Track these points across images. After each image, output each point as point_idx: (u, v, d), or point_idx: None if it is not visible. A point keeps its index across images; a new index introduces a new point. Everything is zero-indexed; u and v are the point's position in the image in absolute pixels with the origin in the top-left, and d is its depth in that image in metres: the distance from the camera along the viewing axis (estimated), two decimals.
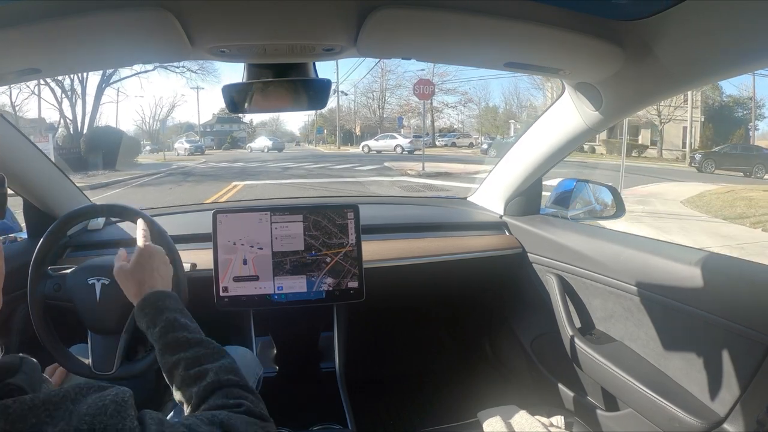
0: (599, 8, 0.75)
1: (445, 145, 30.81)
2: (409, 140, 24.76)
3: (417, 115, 33.21)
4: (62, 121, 22.48)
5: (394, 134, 27.44)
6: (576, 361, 1.28)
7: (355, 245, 1.27)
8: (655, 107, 22.04)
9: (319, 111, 38.08)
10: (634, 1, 0.71)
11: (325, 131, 40.87)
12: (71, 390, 0.41)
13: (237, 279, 1.22)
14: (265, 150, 31.06)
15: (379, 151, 24.88)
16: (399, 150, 23.90)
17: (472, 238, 1.58)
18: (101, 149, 17.81)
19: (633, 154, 23.36)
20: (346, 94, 35.62)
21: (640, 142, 25.45)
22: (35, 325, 0.98)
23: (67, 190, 1.40)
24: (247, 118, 40.66)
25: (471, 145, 30.73)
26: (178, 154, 28.51)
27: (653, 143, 24.93)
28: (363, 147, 26.38)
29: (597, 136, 23.08)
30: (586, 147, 23.77)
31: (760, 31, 0.68)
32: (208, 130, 43.03)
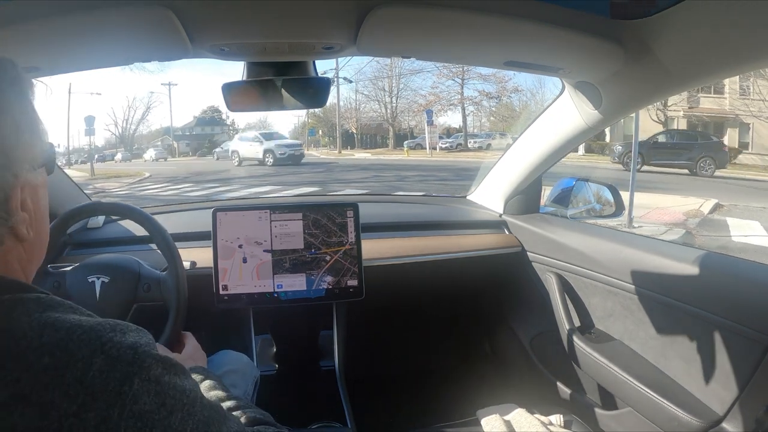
0: (600, 7, 0.75)
1: (480, 148, 23.06)
2: (279, 142, 17.81)
3: (448, 107, 26.74)
4: None
5: (275, 133, 19.96)
6: (575, 360, 1.28)
7: (354, 243, 1.27)
8: None
9: (311, 111, 30.56)
10: (634, 0, 0.71)
11: (320, 132, 33.86)
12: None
13: (236, 277, 1.22)
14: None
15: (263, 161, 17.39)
16: (269, 159, 16.93)
17: (472, 237, 1.58)
18: None
19: None
20: (351, 81, 27.68)
21: (726, 143, 17.49)
22: None
23: (66, 188, 1.40)
24: (230, 120, 37.18)
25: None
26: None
27: (742, 146, 18.62)
28: (232, 155, 19.01)
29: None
30: None
31: (759, 30, 0.67)
32: (187, 133, 38.04)
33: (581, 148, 18.45)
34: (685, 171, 13.51)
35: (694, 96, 18.58)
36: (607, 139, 19.02)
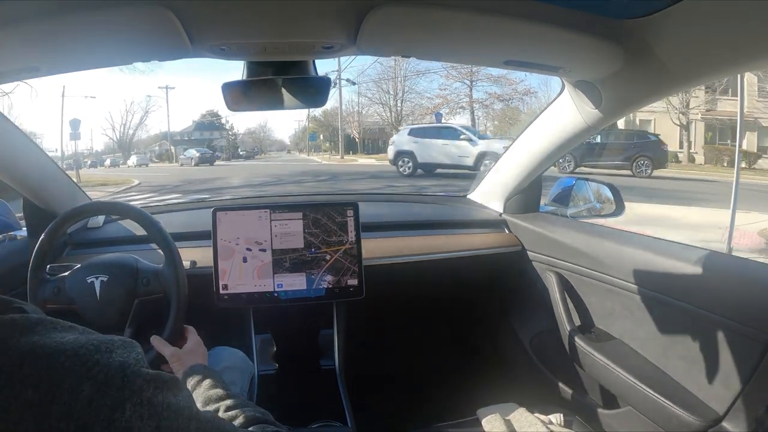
0: (599, 6, 0.75)
1: None
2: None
3: (457, 109, 24.40)
4: None
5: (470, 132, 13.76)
6: (575, 359, 1.28)
7: (354, 243, 1.27)
8: None
9: (311, 115, 30.85)
10: None
11: (321, 137, 32.71)
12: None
13: (236, 277, 1.22)
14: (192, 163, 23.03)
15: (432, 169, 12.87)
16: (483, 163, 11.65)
17: (472, 236, 1.58)
18: None
19: (741, 165, 16.61)
20: (354, 83, 25.52)
21: (745, 147, 17.05)
22: None
23: (66, 188, 1.40)
24: (228, 124, 36.23)
25: None
26: (182, 165, 23.92)
27: (761, 150, 17.71)
28: (399, 159, 13.26)
29: (693, 140, 18.43)
30: (681, 155, 18.61)
31: (759, 30, 0.67)
32: (185, 138, 36.60)
33: None
34: (627, 172, 12.91)
35: (713, 98, 18.08)
36: None
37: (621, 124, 19.29)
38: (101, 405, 0.36)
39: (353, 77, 27.97)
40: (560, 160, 13.77)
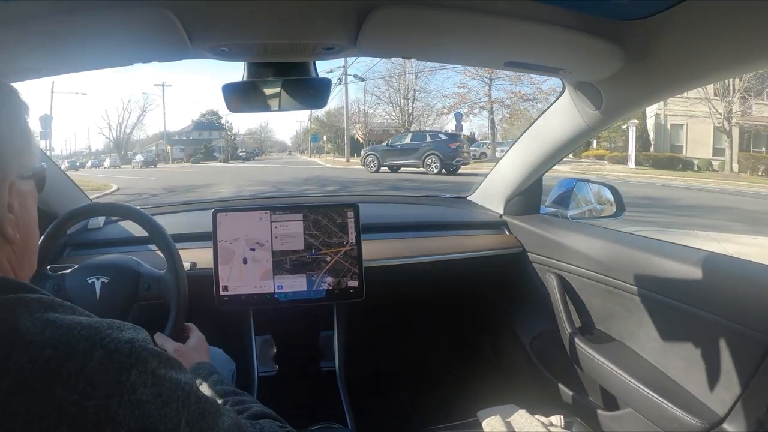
0: (600, 8, 0.75)
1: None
2: None
3: (479, 109, 22.57)
4: None
5: None
6: (576, 361, 1.28)
7: (355, 244, 1.27)
8: None
9: (314, 115, 30.20)
10: (635, 0, 0.71)
11: (324, 138, 32.12)
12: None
13: (237, 278, 1.22)
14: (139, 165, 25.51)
15: None
16: None
17: (472, 238, 1.58)
18: None
19: None
20: (363, 79, 23.51)
21: None
22: None
23: (67, 188, 1.40)
24: (228, 124, 35.47)
25: None
26: (133, 167, 26.13)
27: None
28: None
29: (731, 149, 17.16)
30: (716, 164, 17.75)
31: (760, 31, 0.67)
32: (184, 138, 36.22)
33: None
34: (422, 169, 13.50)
35: (747, 102, 17.42)
36: (652, 149, 18.05)
37: (651, 127, 18.86)
38: (110, 368, 0.40)
39: (361, 73, 27.03)
40: (367, 161, 14.82)
